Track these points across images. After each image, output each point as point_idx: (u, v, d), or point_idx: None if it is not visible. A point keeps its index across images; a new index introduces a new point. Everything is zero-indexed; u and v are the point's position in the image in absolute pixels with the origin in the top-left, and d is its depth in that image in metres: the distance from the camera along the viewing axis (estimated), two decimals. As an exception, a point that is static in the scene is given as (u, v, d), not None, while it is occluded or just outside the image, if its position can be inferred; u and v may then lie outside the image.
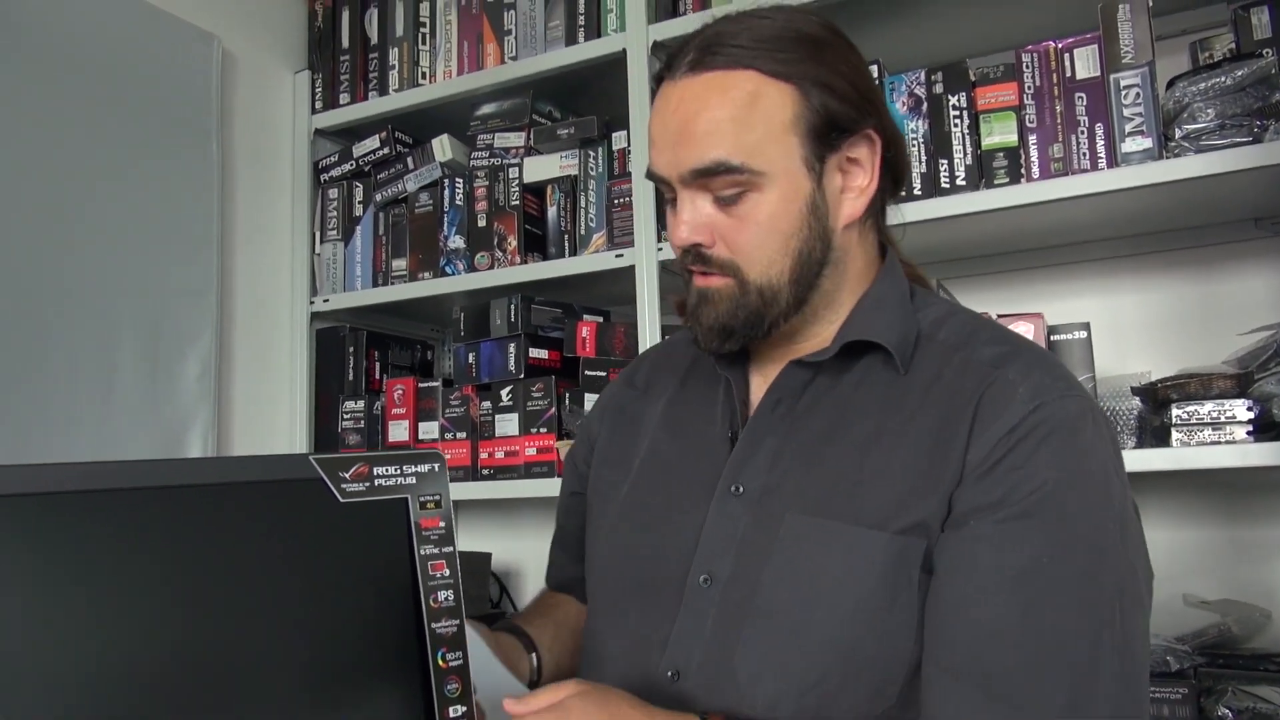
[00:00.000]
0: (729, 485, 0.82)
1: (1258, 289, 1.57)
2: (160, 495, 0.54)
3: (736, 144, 0.76)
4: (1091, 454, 0.73)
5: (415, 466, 0.66)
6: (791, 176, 0.77)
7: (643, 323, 1.63)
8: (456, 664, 0.64)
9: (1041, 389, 0.75)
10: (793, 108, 0.77)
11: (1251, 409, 1.27)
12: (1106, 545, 0.71)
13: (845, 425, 0.80)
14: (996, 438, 0.73)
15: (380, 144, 1.96)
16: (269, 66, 1.99)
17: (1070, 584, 0.69)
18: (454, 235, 1.86)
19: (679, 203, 0.80)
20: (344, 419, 1.93)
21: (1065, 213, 1.44)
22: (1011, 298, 1.68)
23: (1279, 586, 1.52)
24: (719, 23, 0.80)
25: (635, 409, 0.98)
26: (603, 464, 0.97)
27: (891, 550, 0.74)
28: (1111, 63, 1.36)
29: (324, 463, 0.62)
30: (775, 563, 0.77)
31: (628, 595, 0.86)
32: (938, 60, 1.58)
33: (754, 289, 0.79)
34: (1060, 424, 0.73)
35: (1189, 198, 1.40)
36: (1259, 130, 1.27)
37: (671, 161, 0.79)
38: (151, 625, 0.55)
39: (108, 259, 1.59)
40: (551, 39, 1.80)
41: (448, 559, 0.65)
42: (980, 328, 0.83)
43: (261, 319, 1.93)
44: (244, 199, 1.90)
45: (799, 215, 0.78)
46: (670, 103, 0.79)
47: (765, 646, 0.75)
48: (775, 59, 0.76)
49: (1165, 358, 1.55)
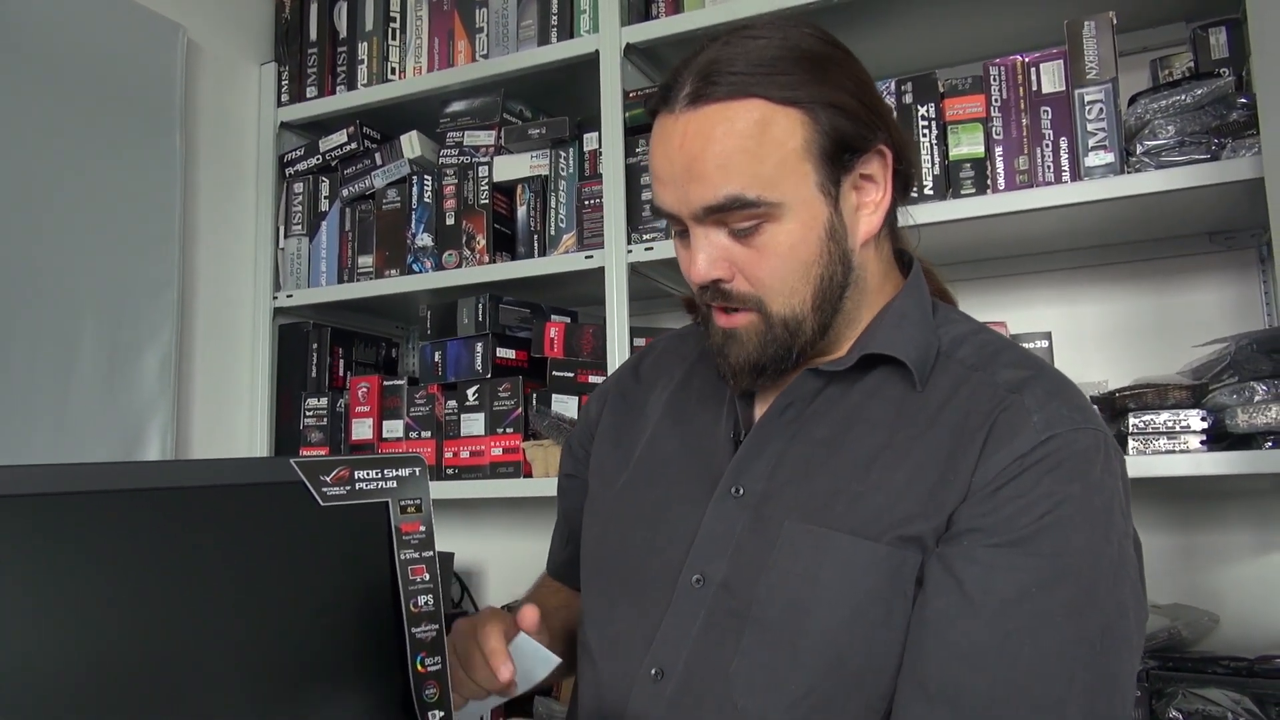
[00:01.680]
0: (730, 486, 0.81)
1: (1211, 302, 1.62)
2: (139, 498, 0.53)
3: (749, 177, 0.73)
4: (1097, 490, 0.72)
5: (396, 470, 0.65)
6: (808, 204, 0.75)
7: (611, 324, 1.63)
8: (435, 669, 0.64)
9: (1056, 420, 0.73)
10: (803, 133, 0.74)
11: (1205, 419, 1.30)
12: (1098, 583, 0.70)
13: (852, 435, 0.79)
14: (1004, 463, 0.72)
15: (348, 139, 1.94)
16: (234, 58, 1.96)
17: (1053, 618, 0.68)
18: (422, 233, 1.85)
19: (693, 239, 0.77)
20: (306, 416, 1.91)
21: (1029, 224, 1.47)
22: (976, 306, 1.69)
23: (1227, 591, 1.56)
24: (712, 48, 0.76)
25: (638, 397, 0.96)
26: (603, 445, 0.95)
27: (887, 562, 0.73)
28: (1076, 78, 1.39)
29: (305, 466, 0.61)
30: (772, 571, 0.76)
31: (617, 587, 0.85)
32: (908, 69, 1.60)
33: (779, 321, 0.77)
34: (1070, 456, 0.72)
35: (1148, 212, 1.44)
36: (1216, 148, 1.31)
37: (681, 199, 0.75)
38: (130, 628, 0.54)
39: (67, 251, 1.56)
40: (524, 38, 1.79)
41: (428, 563, 0.65)
42: (1003, 349, 0.81)
43: (223, 314, 1.90)
44: (207, 192, 1.87)
45: (819, 242, 0.76)
46: (673, 139, 0.75)
47: (763, 656, 0.74)
48: (779, 83, 0.73)
49: (1123, 367, 1.59)
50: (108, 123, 1.63)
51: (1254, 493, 1.56)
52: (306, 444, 1.90)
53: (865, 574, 0.73)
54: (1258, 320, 1.57)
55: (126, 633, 0.54)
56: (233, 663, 0.57)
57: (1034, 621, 0.68)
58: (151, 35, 1.72)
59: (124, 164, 1.66)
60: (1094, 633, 0.69)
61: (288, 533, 0.60)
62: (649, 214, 1.64)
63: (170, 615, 0.55)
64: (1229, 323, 1.57)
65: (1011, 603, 0.69)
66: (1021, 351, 0.82)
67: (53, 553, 0.51)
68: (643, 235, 1.64)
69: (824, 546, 0.75)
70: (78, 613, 0.52)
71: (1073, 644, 0.68)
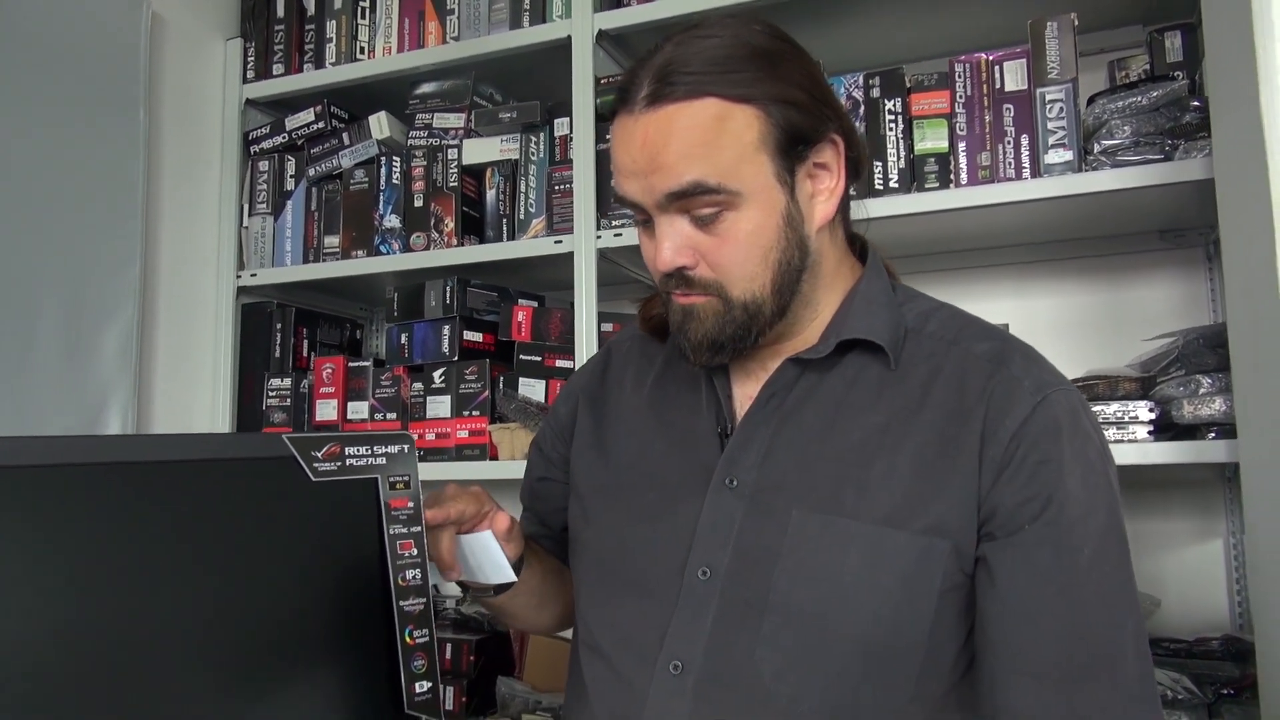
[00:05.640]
0: (724, 478, 0.83)
1: (1160, 298, 1.67)
2: (135, 470, 0.54)
3: (710, 165, 0.76)
4: (1090, 440, 0.79)
5: (386, 447, 0.66)
6: (767, 192, 0.78)
7: (580, 309, 1.64)
8: (423, 641, 0.65)
9: (1043, 383, 0.79)
10: (758, 127, 0.77)
11: (1153, 410, 1.36)
12: (1115, 527, 0.77)
13: (843, 421, 0.82)
14: (1011, 431, 0.77)
15: (315, 118, 1.92)
16: (200, 32, 1.93)
17: (1112, 574, 0.76)
18: (390, 214, 1.84)
19: (658, 227, 0.80)
20: (269, 396, 1.90)
21: (990, 218, 1.51)
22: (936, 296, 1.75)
23: (1168, 576, 1.62)
24: (666, 49, 0.79)
25: (612, 399, 0.98)
26: (584, 450, 0.97)
27: (914, 549, 0.76)
28: (1038, 77, 1.43)
29: (297, 442, 0.62)
30: (787, 560, 0.78)
31: (623, 587, 0.86)
32: (875, 63, 1.63)
33: (738, 305, 0.80)
34: (1065, 413, 0.78)
35: (1103, 209, 1.48)
36: (1170, 149, 1.35)
37: (644, 188, 0.78)
38: (125, 600, 0.55)
39: (27, 227, 1.53)
40: (495, 21, 1.79)
41: (415, 538, 0.66)
42: (967, 322, 0.87)
43: (186, 292, 1.88)
44: (170, 168, 1.84)
45: (776, 229, 0.79)
46: (634, 137, 0.78)
47: (789, 642, 0.77)
48: (732, 81, 0.76)
49: (1075, 359, 1.64)
50: (70, 97, 1.61)
51: (1196, 482, 1.62)
52: (269, 424, 1.89)
53: (890, 560, 0.76)
54: (1204, 316, 1.63)
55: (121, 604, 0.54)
56: (225, 632, 0.58)
57: (1101, 583, 0.75)
58: (115, 8, 1.69)
59: (86, 139, 1.63)
60: (1128, 572, 0.77)
61: (280, 507, 0.61)
62: (618, 200, 1.65)
63: (164, 587, 0.56)
64: (1177, 318, 1.63)
65: (1082, 572, 0.75)
66: (982, 322, 0.88)
67: (46, 525, 0.52)
68: (612, 221, 1.65)
69: (843, 535, 0.78)
70: (73, 584, 0.53)
71: (1126, 593, 0.76)
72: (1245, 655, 1.39)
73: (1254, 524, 1.18)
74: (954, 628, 0.79)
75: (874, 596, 0.76)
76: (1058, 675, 0.74)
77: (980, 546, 0.78)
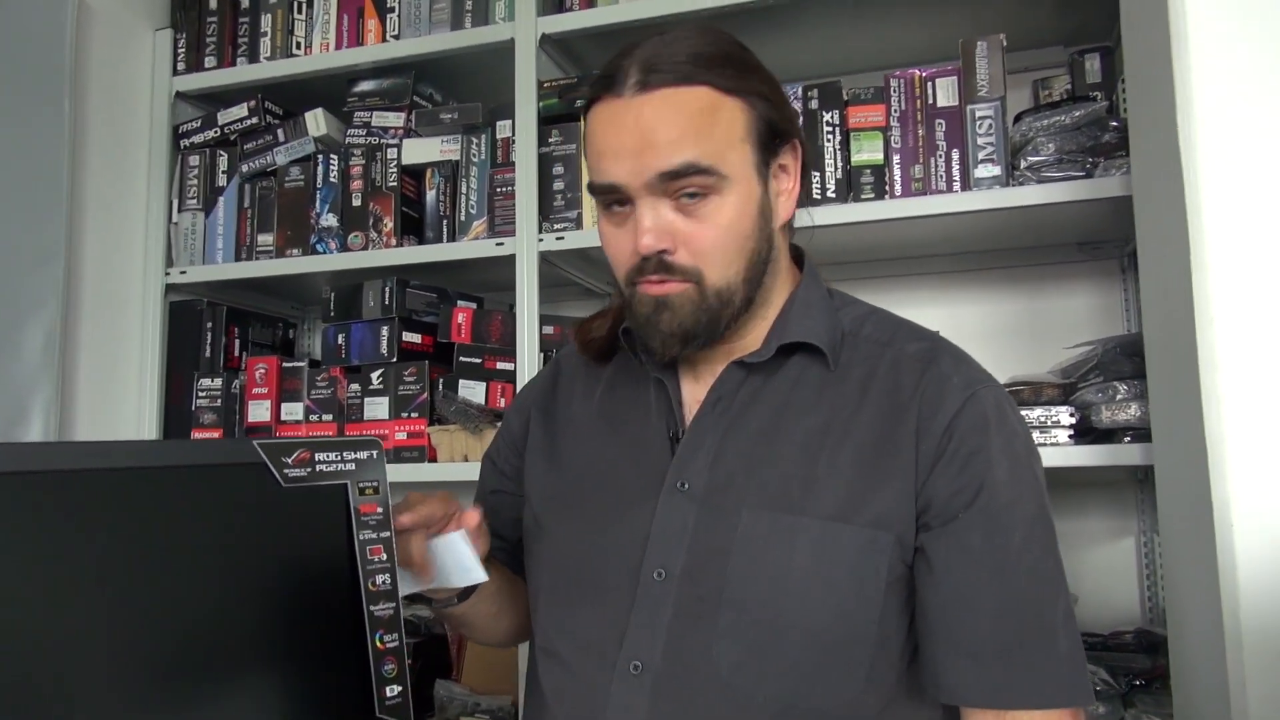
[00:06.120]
0: (675, 481, 0.85)
1: (1078, 307, 1.75)
2: (104, 478, 0.53)
3: (704, 146, 0.78)
4: (1016, 431, 0.84)
5: (355, 453, 0.66)
6: (748, 182, 0.82)
7: (521, 311, 1.65)
8: (393, 645, 0.65)
9: (971, 379, 0.84)
10: (744, 118, 0.81)
11: (1073, 415, 1.42)
12: (1041, 513, 0.82)
13: (787, 423, 0.85)
14: (943, 425, 0.81)
15: (249, 113, 1.89)
16: (128, 22, 1.88)
17: (1042, 551, 0.80)
18: (327, 213, 1.82)
19: (640, 211, 0.81)
20: (199, 397, 1.86)
21: (922, 228, 1.56)
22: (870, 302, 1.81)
23: (1085, 573, 1.70)
24: (649, 44, 0.82)
25: (563, 409, 0.99)
26: (537, 461, 0.98)
27: (859, 542, 0.80)
28: (969, 94, 1.48)
29: (267, 447, 0.62)
30: (739, 557, 0.81)
31: (578, 591, 0.87)
32: (813, 74, 1.67)
33: (712, 292, 0.82)
34: (992, 408, 0.83)
35: (1027, 222, 1.55)
36: (1090, 166, 1.42)
37: (634, 169, 0.79)
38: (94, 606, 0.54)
39: (-57, 217, 1.47)
40: (437, 21, 1.78)
41: (385, 544, 0.66)
42: (899, 325, 0.91)
43: (112, 289, 1.82)
44: (96, 161, 1.79)
45: (753, 218, 0.82)
46: (625, 118, 0.79)
47: (744, 636, 0.79)
48: (723, 75, 0.80)
49: (1000, 365, 1.68)
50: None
51: (1110, 483, 1.70)
52: (198, 425, 1.85)
53: (838, 552, 0.80)
54: (1119, 324, 1.71)
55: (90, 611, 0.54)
56: (195, 638, 0.57)
57: (1031, 566, 0.80)
58: (40, -6, 1.63)
59: (8, 129, 1.58)
60: (1056, 557, 0.82)
61: (250, 513, 0.61)
62: (561, 203, 1.66)
63: (133, 594, 0.55)
64: (1094, 326, 1.71)
65: (1014, 554, 0.79)
66: (913, 324, 0.92)
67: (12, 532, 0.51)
68: (554, 225, 1.66)
69: (790, 531, 0.81)
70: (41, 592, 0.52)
71: (1054, 576, 0.81)
72: (1156, 647, 1.47)
73: (1167, 524, 1.25)
74: (900, 617, 0.82)
75: (824, 589, 0.80)
76: (994, 653, 0.78)
77: (919, 537, 0.82)
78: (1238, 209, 1.00)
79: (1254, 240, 0.99)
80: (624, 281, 0.86)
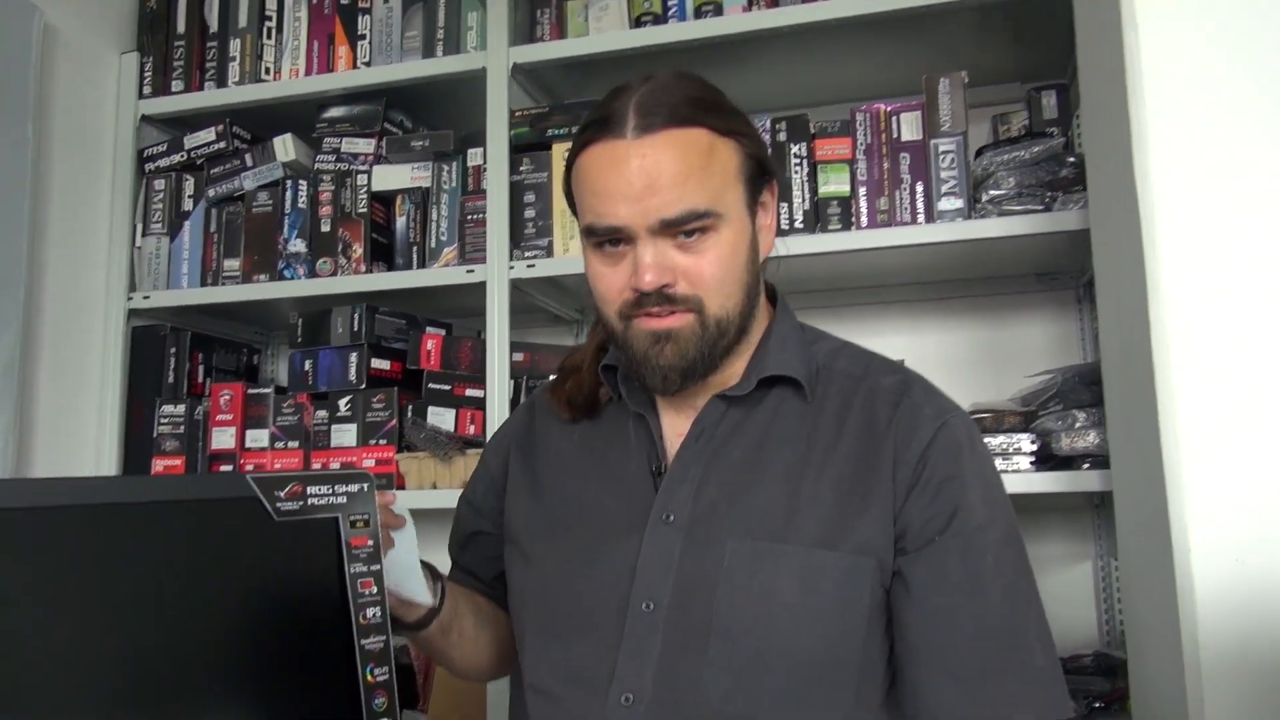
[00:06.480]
0: (661, 514, 0.86)
1: (1036, 335, 1.80)
2: (100, 512, 0.53)
3: (705, 191, 0.82)
4: (985, 459, 0.88)
5: (346, 486, 0.66)
6: (740, 218, 0.85)
7: (491, 339, 1.65)
8: (384, 679, 0.65)
9: (942, 409, 0.88)
10: (736, 158, 0.85)
11: (1035, 442, 1.46)
12: (1012, 534, 0.85)
13: (767, 455, 0.87)
14: (918, 454, 0.84)
15: (216, 137, 1.87)
16: (95, 45, 1.86)
17: (1015, 572, 0.83)
18: (295, 238, 1.81)
19: (640, 250, 0.82)
20: (160, 423, 1.83)
21: (887, 259, 1.59)
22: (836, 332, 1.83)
23: (1045, 596, 1.70)
24: (642, 88, 0.84)
25: (542, 446, 1.00)
26: (519, 498, 0.98)
27: (842, 568, 0.82)
28: (932, 129, 1.52)
29: (260, 482, 0.62)
30: (726, 586, 0.82)
31: (568, 628, 0.88)
32: (781, 106, 1.71)
33: (713, 321, 0.84)
34: (963, 435, 0.86)
35: (988, 253, 1.59)
36: (1049, 200, 1.47)
37: (639, 212, 0.81)
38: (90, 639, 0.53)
39: (-98, 240, 1.44)
40: (408, 49, 1.79)
41: (375, 576, 0.66)
42: (871, 359, 0.94)
43: (73, 314, 1.79)
44: (59, 184, 1.76)
45: (746, 252, 0.86)
46: (630, 160, 0.81)
47: (734, 664, 0.80)
48: (717, 117, 0.84)
49: (962, 393, 1.72)
50: (-47, 106, 1.53)
51: (1068, 509, 1.74)
52: (160, 453, 1.82)
53: (822, 579, 0.82)
54: (1076, 353, 1.76)
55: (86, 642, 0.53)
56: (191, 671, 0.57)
57: (1005, 586, 0.82)
58: (5, 16, 1.61)
59: (-30, 151, 1.55)
60: (1029, 577, 0.85)
61: (244, 546, 0.60)
62: (531, 231, 1.68)
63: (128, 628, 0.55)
64: (1053, 355, 1.75)
65: (989, 576, 0.82)
66: (883, 358, 0.96)
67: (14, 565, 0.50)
68: (524, 253, 1.67)
69: (776, 559, 0.82)
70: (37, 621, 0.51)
71: (1028, 595, 0.84)
72: (1115, 670, 1.50)
73: (1126, 549, 1.28)
74: (884, 640, 0.85)
75: (810, 615, 0.81)
76: (973, 673, 0.80)
77: (896, 561, 0.84)
78: (1192, 241, 1.03)
79: (1208, 271, 1.02)
80: (616, 316, 0.86)
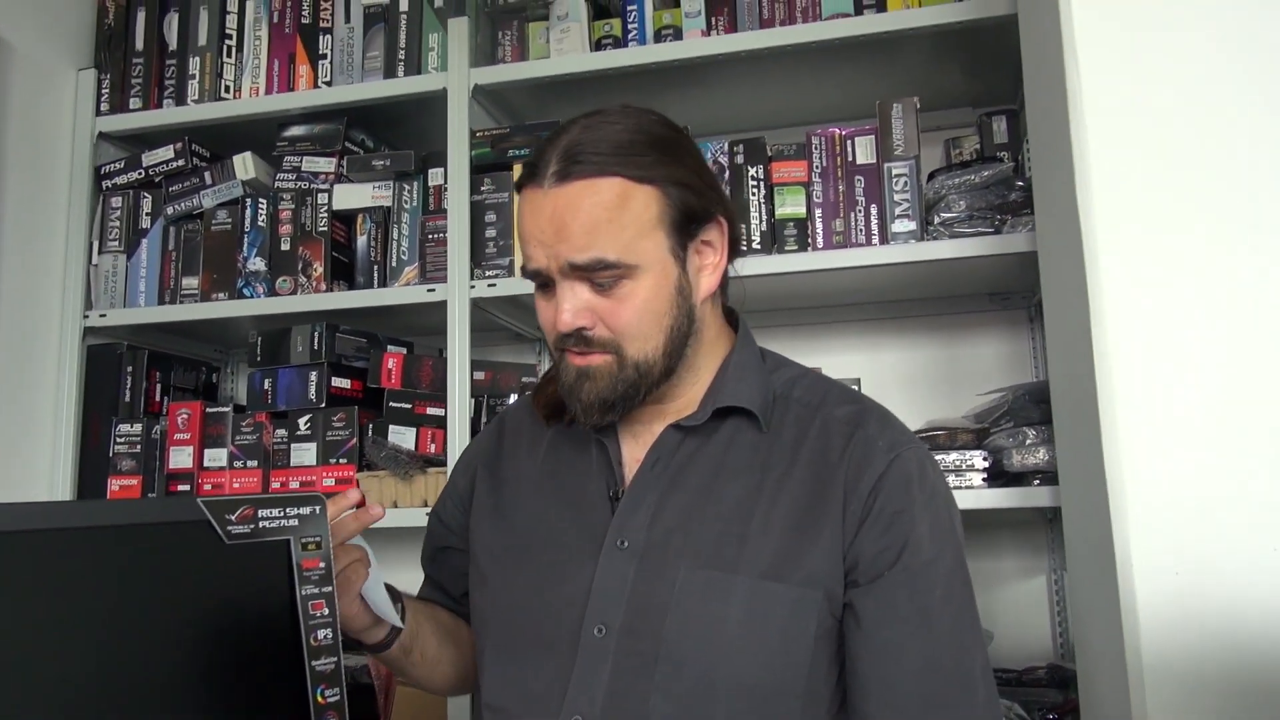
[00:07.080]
0: (615, 540, 0.88)
1: (990, 354, 1.84)
2: (49, 538, 0.53)
3: (612, 242, 0.82)
4: (937, 490, 0.89)
5: (297, 509, 0.67)
6: (661, 265, 0.85)
7: (452, 357, 1.66)
8: (334, 700, 0.65)
9: (896, 441, 0.89)
10: (656, 207, 0.84)
11: (987, 459, 1.49)
12: (960, 567, 0.87)
13: (722, 483, 0.88)
14: (869, 487, 0.86)
15: (175, 155, 1.86)
16: (50, 61, 1.85)
17: (961, 605, 0.86)
18: (255, 257, 1.80)
19: (559, 291, 0.85)
20: (117, 442, 1.81)
21: (843, 279, 1.62)
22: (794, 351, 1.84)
23: (998, 610, 1.77)
24: (572, 131, 0.85)
25: (508, 466, 1.01)
26: (483, 519, 0.99)
27: (790, 600, 0.83)
28: (885, 153, 1.56)
29: (211, 505, 0.62)
30: (676, 613, 0.83)
31: (524, 648, 0.89)
32: (738, 128, 1.73)
33: (631, 364, 0.86)
34: (915, 468, 0.88)
35: (941, 274, 1.63)
36: (999, 223, 1.51)
37: (550, 255, 0.84)
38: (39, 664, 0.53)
39: None
40: (369, 69, 1.80)
41: (327, 598, 0.67)
42: (830, 387, 0.96)
43: (27, 332, 1.77)
44: (14, 200, 1.75)
45: (669, 298, 0.86)
46: (544, 209, 0.83)
47: (681, 691, 0.82)
48: (636, 164, 0.83)
49: (917, 410, 1.77)
50: (-96, 122, 1.51)
51: (1022, 523, 1.78)
52: (116, 472, 1.80)
53: (772, 612, 0.83)
54: (1028, 371, 1.80)
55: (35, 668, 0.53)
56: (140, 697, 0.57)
57: (951, 620, 0.85)
58: (-41, 32, 1.60)
59: (-78, 168, 1.53)
60: (973, 610, 0.87)
61: (194, 570, 0.61)
62: (493, 250, 1.69)
63: (78, 652, 0.55)
64: (1005, 373, 1.79)
65: (936, 610, 0.84)
66: (841, 387, 0.97)
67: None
68: (485, 272, 1.68)
69: (725, 589, 0.83)
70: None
71: (972, 628, 0.86)
72: (1067, 682, 1.53)
73: (1074, 563, 1.31)
74: (828, 671, 0.86)
75: (756, 644, 0.83)
76: (919, 706, 0.82)
77: (847, 593, 0.85)
78: (1132, 264, 1.06)
79: (1148, 294, 1.05)
80: (553, 347, 0.90)
